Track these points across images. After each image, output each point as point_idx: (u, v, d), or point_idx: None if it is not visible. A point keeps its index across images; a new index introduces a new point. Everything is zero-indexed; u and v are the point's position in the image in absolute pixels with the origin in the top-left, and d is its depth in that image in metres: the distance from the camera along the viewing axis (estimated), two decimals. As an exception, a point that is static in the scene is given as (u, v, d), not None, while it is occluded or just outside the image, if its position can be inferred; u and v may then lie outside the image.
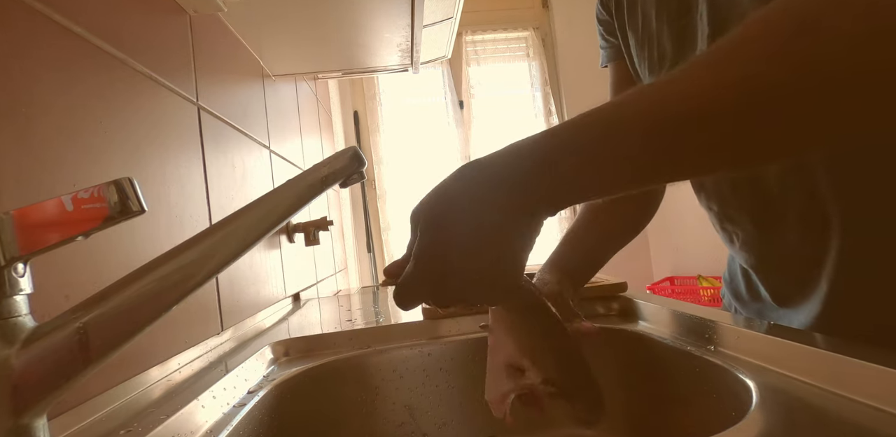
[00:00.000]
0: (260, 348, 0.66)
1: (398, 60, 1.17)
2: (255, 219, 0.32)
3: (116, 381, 0.47)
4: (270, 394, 0.55)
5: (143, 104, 0.57)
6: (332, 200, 1.84)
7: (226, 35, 0.88)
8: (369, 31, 0.98)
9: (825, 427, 0.34)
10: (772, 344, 0.47)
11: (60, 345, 0.27)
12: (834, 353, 0.40)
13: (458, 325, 0.73)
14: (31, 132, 0.40)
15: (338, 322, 0.81)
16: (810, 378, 0.41)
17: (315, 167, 0.34)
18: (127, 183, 0.26)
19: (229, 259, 0.30)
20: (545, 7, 2.98)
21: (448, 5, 1.02)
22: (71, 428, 0.41)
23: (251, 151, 0.94)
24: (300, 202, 0.33)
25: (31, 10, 0.42)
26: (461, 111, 2.87)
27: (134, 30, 0.57)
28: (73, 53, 0.47)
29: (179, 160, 0.64)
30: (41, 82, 0.42)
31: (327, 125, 1.86)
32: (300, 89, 1.42)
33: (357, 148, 0.36)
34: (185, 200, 0.64)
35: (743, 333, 0.51)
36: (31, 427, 0.26)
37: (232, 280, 0.77)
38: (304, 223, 1.19)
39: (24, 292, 0.28)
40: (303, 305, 1.11)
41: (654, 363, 0.61)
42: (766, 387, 0.41)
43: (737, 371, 0.46)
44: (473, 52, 2.89)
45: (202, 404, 0.47)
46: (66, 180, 0.43)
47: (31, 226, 0.26)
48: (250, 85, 0.98)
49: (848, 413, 0.35)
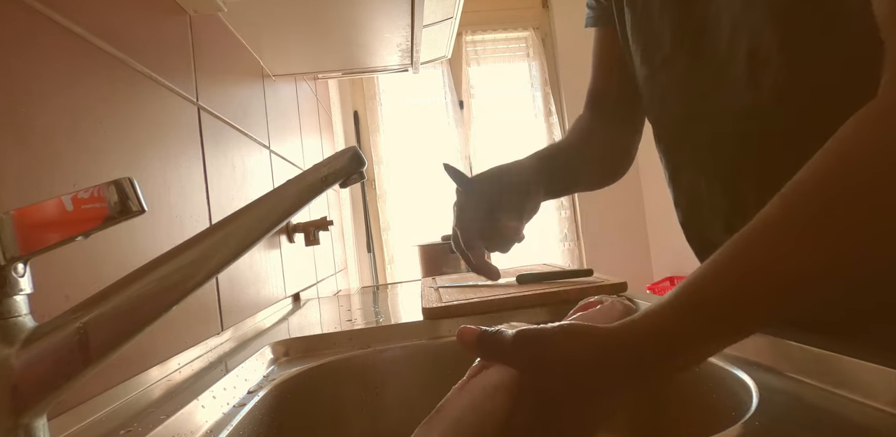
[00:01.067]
0: (260, 348, 0.66)
1: (398, 60, 1.18)
2: (255, 219, 0.32)
3: (116, 381, 0.47)
4: (270, 394, 0.55)
5: (143, 104, 0.57)
6: (332, 200, 1.84)
7: (226, 35, 0.88)
8: (369, 31, 0.98)
9: (825, 427, 0.34)
10: (772, 344, 0.47)
11: (60, 345, 0.27)
12: (834, 353, 0.40)
13: (458, 325, 0.73)
14: (31, 132, 0.40)
15: (338, 322, 0.81)
16: (810, 378, 0.41)
17: (315, 167, 0.34)
18: (127, 183, 0.26)
19: (229, 259, 0.30)
20: (545, 7, 2.98)
21: (448, 5, 1.02)
22: (71, 428, 0.41)
23: (251, 151, 0.94)
24: (300, 202, 0.33)
25: (31, 10, 0.42)
26: (461, 111, 2.87)
27: (134, 30, 0.57)
28: (73, 53, 0.47)
29: (179, 160, 0.64)
30: (41, 82, 0.42)
31: (327, 125, 1.86)
32: (300, 89, 1.42)
33: (357, 148, 0.37)
34: (185, 200, 0.64)
35: (743, 333, 0.51)
36: (31, 427, 0.26)
37: (232, 280, 0.77)
38: (304, 223, 1.19)
39: (24, 292, 0.28)
40: (303, 305, 1.11)
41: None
42: (766, 387, 0.41)
43: (737, 371, 0.46)
44: (473, 52, 2.89)
45: (202, 404, 0.47)
46: (66, 180, 0.43)
47: (31, 226, 0.26)
48: (250, 85, 0.98)
49: (848, 413, 0.35)
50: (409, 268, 2.63)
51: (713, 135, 0.57)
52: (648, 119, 0.69)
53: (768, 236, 0.33)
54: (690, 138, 0.60)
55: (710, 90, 0.56)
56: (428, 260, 1.84)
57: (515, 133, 2.86)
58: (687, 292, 0.34)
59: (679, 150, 0.63)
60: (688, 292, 0.34)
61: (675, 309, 0.34)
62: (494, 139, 2.84)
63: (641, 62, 0.64)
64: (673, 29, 0.59)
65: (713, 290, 0.33)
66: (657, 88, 0.63)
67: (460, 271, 1.74)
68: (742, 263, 0.33)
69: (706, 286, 0.34)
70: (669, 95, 0.62)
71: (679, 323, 0.34)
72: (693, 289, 0.34)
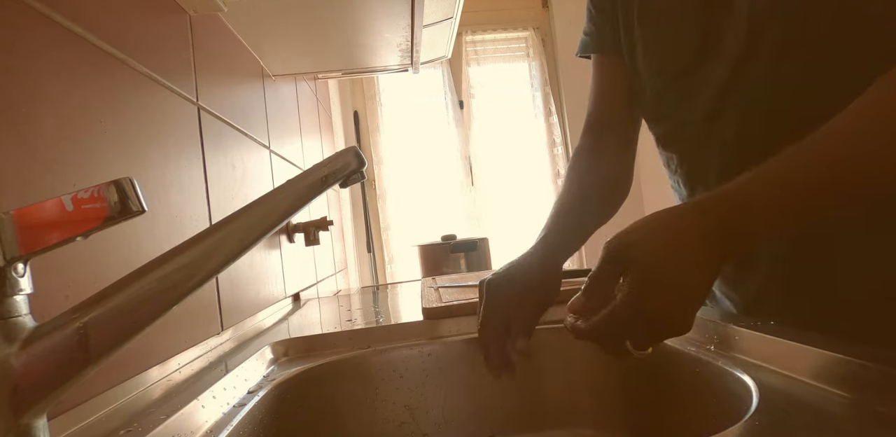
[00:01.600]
0: (260, 348, 0.66)
1: (398, 60, 1.17)
2: (255, 219, 0.32)
3: (116, 381, 0.47)
4: (270, 394, 0.55)
5: (144, 104, 0.57)
6: (332, 200, 1.84)
7: (226, 35, 0.88)
8: (369, 31, 0.98)
9: (825, 427, 0.34)
10: (772, 344, 0.47)
11: (60, 345, 0.27)
12: (834, 353, 0.40)
13: (458, 325, 0.73)
14: (32, 132, 0.40)
15: (338, 322, 0.81)
16: (810, 378, 0.41)
17: (315, 167, 0.35)
18: (127, 183, 0.26)
19: (229, 259, 0.30)
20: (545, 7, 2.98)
21: (448, 5, 1.02)
22: (71, 428, 0.41)
23: (251, 151, 0.94)
24: (300, 202, 0.33)
25: (31, 11, 0.42)
26: (461, 111, 2.87)
27: (134, 30, 0.57)
28: (73, 54, 0.47)
29: (179, 160, 0.64)
30: (41, 82, 0.42)
31: (327, 125, 1.86)
32: (300, 89, 1.42)
33: (357, 148, 0.37)
34: (185, 200, 0.64)
35: (743, 333, 0.51)
36: (31, 427, 0.26)
37: (232, 280, 0.77)
38: (304, 223, 1.19)
39: (24, 292, 0.28)
40: (303, 305, 1.11)
41: (654, 363, 0.61)
42: (766, 387, 0.41)
43: (737, 371, 0.46)
44: (473, 52, 2.89)
45: (202, 404, 0.47)
46: (66, 180, 0.43)
47: (31, 226, 0.26)
48: (250, 85, 0.98)
49: (848, 413, 0.35)
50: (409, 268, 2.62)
51: (740, 134, 0.58)
52: (658, 129, 0.70)
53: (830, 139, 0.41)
54: (717, 137, 0.61)
55: (733, 89, 0.57)
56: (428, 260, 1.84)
57: (515, 133, 2.86)
58: (753, 171, 0.41)
59: (702, 151, 0.64)
60: (754, 171, 0.41)
61: (737, 181, 0.41)
62: (494, 139, 2.84)
63: (654, 74, 0.65)
64: (695, 37, 0.60)
65: (778, 165, 0.41)
66: (672, 94, 0.64)
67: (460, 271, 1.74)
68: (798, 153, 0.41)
69: (772, 165, 0.41)
70: (688, 100, 0.62)
71: (739, 187, 0.41)
72: (759, 169, 0.41)
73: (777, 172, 0.41)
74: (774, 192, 0.40)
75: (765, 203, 0.40)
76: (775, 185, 0.40)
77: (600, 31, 0.73)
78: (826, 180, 0.40)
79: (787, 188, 0.40)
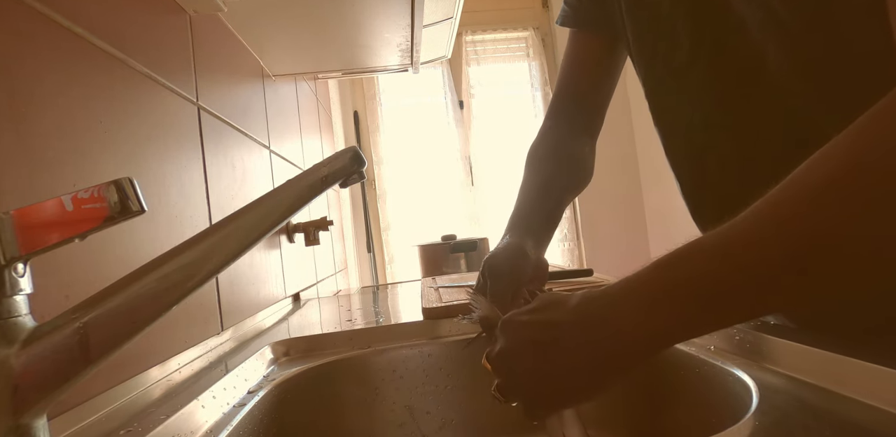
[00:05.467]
0: (260, 348, 0.66)
1: (398, 60, 1.17)
2: (255, 219, 0.32)
3: (116, 381, 0.47)
4: (270, 394, 0.55)
5: (143, 104, 0.57)
6: (332, 200, 1.84)
7: (226, 35, 0.88)
8: (369, 31, 0.98)
9: (825, 427, 0.34)
10: (772, 344, 0.47)
11: (60, 345, 0.27)
12: (834, 353, 0.40)
13: (458, 325, 0.73)
14: (31, 132, 0.40)
15: (338, 322, 0.81)
16: (810, 378, 0.41)
17: (315, 167, 0.34)
18: (127, 183, 0.26)
19: (229, 259, 0.30)
20: (545, 7, 2.98)
21: (448, 5, 1.02)
22: (71, 428, 0.41)
23: (251, 150, 0.94)
24: (300, 202, 0.33)
25: (31, 10, 0.42)
26: (461, 111, 2.87)
27: (134, 30, 0.57)
28: (73, 53, 0.47)
29: (179, 160, 0.64)
30: (41, 82, 0.42)
31: (327, 125, 1.86)
32: (300, 89, 1.42)
33: (357, 148, 0.36)
34: (185, 201, 0.64)
35: (743, 333, 0.51)
36: (31, 427, 0.26)
37: (232, 280, 0.77)
38: (304, 223, 1.19)
39: (24, 292, 0.28)
40: (303, 305, 1.11)
41: (654, 363, 0.61)
42: (766, 387, 0.41)
43: (737, 371, 0.46)
44: (473, 52, 2.89)
45: (202, 404, 0.47)
46: (66, 180, 0.43)
47: (31, 226, 0.26)
48: (250, 85, 0.98)
49: (848, 413, 0.35)
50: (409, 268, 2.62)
51: (760, 126, 0.55)
52: (661, 122, 0.68)
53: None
54: (736, 127, 0.57)
55: (744, 84, 0.55)
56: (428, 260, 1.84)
57: (515, 133, 2.85)
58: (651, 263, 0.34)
59: (715, 144, 0.60)
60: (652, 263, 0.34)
61: (626, 278, 0.35)
62: (494, 139, 2.84)
63: (646, 69, 0.64)
64: (691, 30, 0.58)
65: (669, 258, 0.33)
66: (675, 90, 0.62)
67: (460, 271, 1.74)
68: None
69: (665, 259, 0.34)
70: (699, 94, 0.60)
71: (630, 280, 0.35)
72: (656, 261, 0.34)
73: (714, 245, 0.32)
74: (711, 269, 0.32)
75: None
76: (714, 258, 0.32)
77: (583, 7, 0.71)
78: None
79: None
